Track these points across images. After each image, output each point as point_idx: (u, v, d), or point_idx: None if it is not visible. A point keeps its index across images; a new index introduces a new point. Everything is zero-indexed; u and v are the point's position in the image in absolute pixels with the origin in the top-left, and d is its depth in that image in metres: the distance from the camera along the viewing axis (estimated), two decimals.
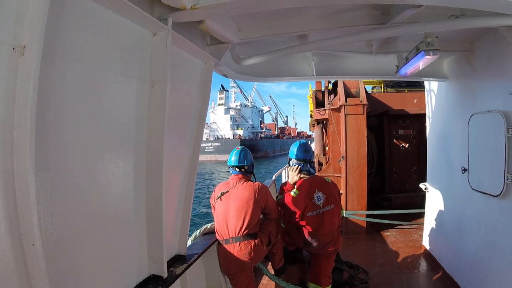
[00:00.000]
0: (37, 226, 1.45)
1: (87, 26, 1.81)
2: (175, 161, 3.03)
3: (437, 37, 3.28)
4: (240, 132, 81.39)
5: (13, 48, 1.38)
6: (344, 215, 7.06)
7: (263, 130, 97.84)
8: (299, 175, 4.04)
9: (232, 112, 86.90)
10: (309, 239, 3.82)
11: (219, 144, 68.05)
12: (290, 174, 4.15)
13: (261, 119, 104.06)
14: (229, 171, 3.99)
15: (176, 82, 2.68)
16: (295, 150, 4.11)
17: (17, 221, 1.43)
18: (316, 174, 4.23)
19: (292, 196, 3.87)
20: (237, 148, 4.03)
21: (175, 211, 3.12)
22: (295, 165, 4.09)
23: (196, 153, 3.28)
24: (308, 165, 4.07)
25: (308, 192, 3.84)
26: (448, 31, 3.47)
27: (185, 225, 3.21)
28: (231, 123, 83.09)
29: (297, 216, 3.83)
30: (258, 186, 3.69)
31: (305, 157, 4.07)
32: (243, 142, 66.59)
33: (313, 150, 9.73)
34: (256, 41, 3.39)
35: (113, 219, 2.19)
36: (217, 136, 77.32)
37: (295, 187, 3.95)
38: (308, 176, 4.03)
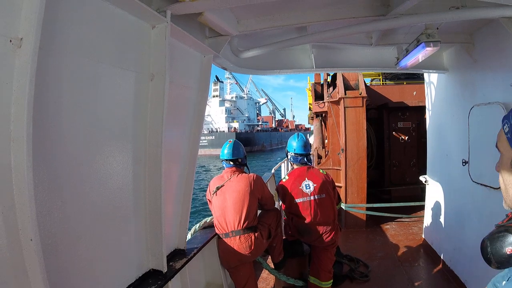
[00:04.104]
0: (35, 221, 1.43)
1: (84, 18, 1.77)
2: (174, 154, 3.02)
3: (437, 28, 3.25)
4: (235, 125, 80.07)
5: (10, 40, 1.35)
6: (344, 208, 7.09)
7: (260, 123, 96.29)
8: (295, 164, 4.28)
9: (227, 104, 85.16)
10: (302, 227, 3.92)
11: (214, 137, 65.89)
12: None
13: (257, 112, 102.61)
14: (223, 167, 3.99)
15: (175, 75, 2.66)
16: (295, 145, 4.24)
17: (15, 216, 1.41)
18: (313, 165, 4.37)
19: (282, 181, 4.16)
20: (229, 141, 4.05)
21: (175, 205, 3.11)
22: (291, 160, 4.32)
23: (195, 146, 3.27)
24: (305, 158, 4.23)
25: (296, 179, 4.04)
26: (448, 23, 3.45)
27: (184, 219, 3.19)
28: (226, 115, 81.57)
29: (287, 202, 4.02)
30: (253, 177, 3.72)
31: (304, 152, 4.22)
32: (238, 135, 65.52)
33: (312, 143, 9.76)
34: (255, 33, 3.37)
35: (112, 213, 2.17)
36: (212, 129, 75.50)
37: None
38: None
